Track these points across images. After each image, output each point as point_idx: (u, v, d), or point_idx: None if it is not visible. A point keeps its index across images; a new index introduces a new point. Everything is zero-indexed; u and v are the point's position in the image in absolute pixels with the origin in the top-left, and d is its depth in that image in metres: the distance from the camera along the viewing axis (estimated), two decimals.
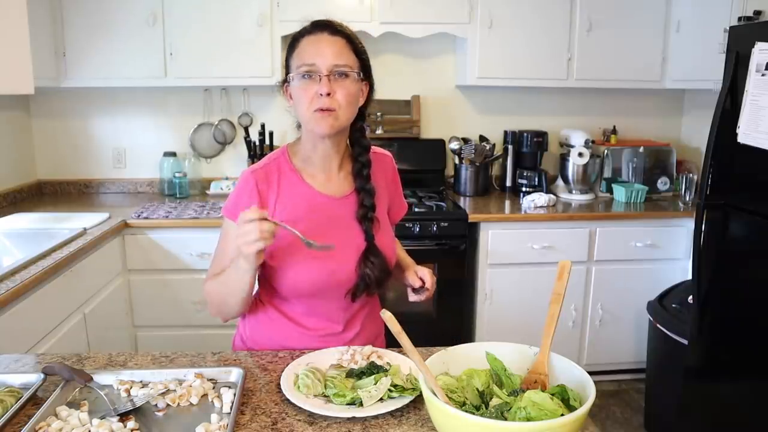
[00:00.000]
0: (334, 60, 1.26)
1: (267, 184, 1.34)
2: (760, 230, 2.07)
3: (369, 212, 1.37)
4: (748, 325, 2.12)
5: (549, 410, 0.90)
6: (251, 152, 3.30)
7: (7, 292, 1.81)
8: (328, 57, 1.26)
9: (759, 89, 2.04)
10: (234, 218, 1.32)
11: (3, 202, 3.01)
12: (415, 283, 1.44)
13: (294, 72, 1.29)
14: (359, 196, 1.38)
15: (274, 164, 1.37)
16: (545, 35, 3.17)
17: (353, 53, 1.30)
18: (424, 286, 1.43)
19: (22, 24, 2.13)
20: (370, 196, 1.38)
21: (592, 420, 1.06)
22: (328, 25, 1.30)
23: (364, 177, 1.38)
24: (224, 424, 1.03)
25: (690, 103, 3.68)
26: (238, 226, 1.17)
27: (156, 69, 3.00)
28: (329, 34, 1.28)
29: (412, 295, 1.45)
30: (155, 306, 2.84)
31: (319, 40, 1.28)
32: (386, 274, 1.39)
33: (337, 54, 1.27)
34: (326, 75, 1.25)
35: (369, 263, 1.35)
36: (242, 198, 1.33)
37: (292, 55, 1.31)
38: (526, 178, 3.35)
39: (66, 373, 1.15)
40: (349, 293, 1.38)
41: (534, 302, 2.96)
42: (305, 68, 1.26)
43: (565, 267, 1.06)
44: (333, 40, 1.28)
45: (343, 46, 1.29)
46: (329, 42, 1.27)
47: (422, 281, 1.43)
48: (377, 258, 1.36)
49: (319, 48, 1.27)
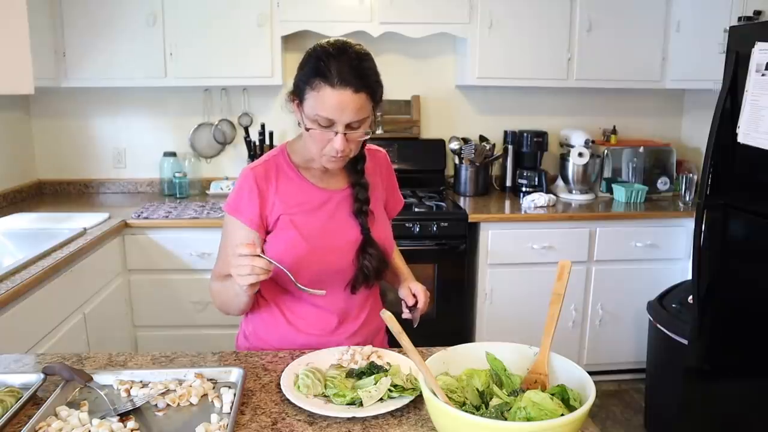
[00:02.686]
0: (354, 117, 1.25)
1: (266, 180, 1.37)
2: (760, 230, 2.07)
3: (364, 206, 1.40)
4: (748, 326, 2.12)
5: (549, 410, 0.90)
6: (251, 152, 3.30)
7: (7, 292, 1.81)
8: (348, 115, 1.24)
9: (759, 89, 2.04)
10: (235, 215, 1.37)
11: (3, 202, 3.01)
12: (408, 300, 1.45)
13: (309, 116, 1.26)
14: (354, 190, 1.41)
15: (273, 161, 1.40)
16: (545, 35, 3.17)
17: (371, 101, 1.28)
18: (417, 305, 1.44)
19: (22, 24, 2.13)
20: (364, 190, 1.41)
21: (592, 420, 1.06)
22: (352, 81, 1.23)
23: (358, 172, 1.42)
24: (224, 424, 1.03)
25: (690, 103, 3.68)
26: (232, 258, 1.20)
27: (156, 69, 3.00)
28: (353, 92, 1.23)
29: (406, 312, 1.46)
30: (155, 306, 2.84)
31: (342, 96, 1.22)
32: (384, 265, 1.43)
33: (357, 111, 1.24)
34: (344, 132, 1.25)
35: (366, 255, 1.39)
36: (243, 195, 1.36)
37: (310, 92, 1.25)
38: (526, 178, 3.35)
39: (66, 373, 1.15)
40: (349, 285, 1.41)
41: (534, 302, 2.96)
42: (323, 121, 1.25)
43: (565, 267, 1.06)
44: (355, 98, 1.23)
45: (364, 101, 1.25)
46: (351, 100, 1.23)
47: (415, 298, 1.44)
48: (374, 249, 1.40)
49: (342, 105, 1.23)
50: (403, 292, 1.47)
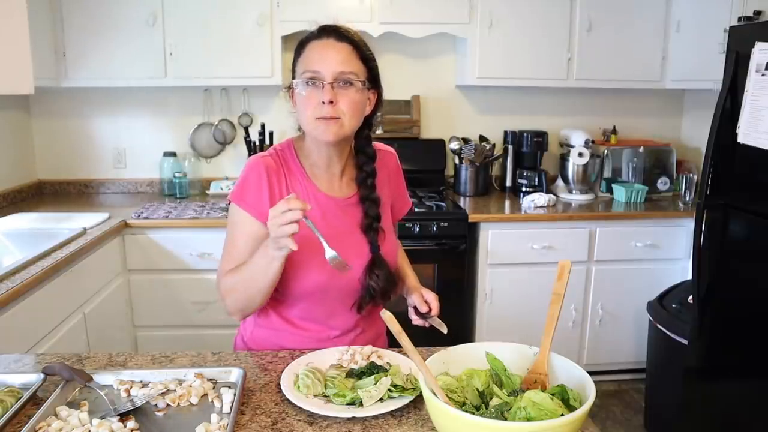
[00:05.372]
0: (339, 67, 1.23)
1: (276, 173, 1.32)
2: (760, 230, 2.07)
3: (374, 222, 1.35)
4: (748, 325, 2.12)
5: (549, 410, 0.90)
6: (251, 152, 3.30)
7: (7, 292, 1.81)
8: (332, 64, 1.22)
9: (759, 89, 2.04)
10: (242, 204, 1.30)
11: (3, 202, 3.01)
12: (422, 307, 1.39)
13: (298, 78, 1.26)
14: (364, 205, 1.36)
15: (281, 155, 1.36)
16: (545, 35, 3.17)
17: (360, 60, 1.27)
18: (430, 312, 1.39)
19: (22, 24, 2.13)
20: (375, 206, 1.36)
21: (592, 420, 1.06)
22: (334, 30, 1.26)
23: (368, 186, 1.36)
24: (224, 424, 1.03)
25: (690, 103, 3.68)
26: (277, 209, 1.12)
27: (156, 69, 3.00)
28: (335, 39, 1.24)
29: (415, 319, 1.41)
30: (155, 306, 2.84)
31: (325, 45, 1.24)
32: (392, 285, 1.37)
33: (343, 61, 1.23)
34: (330, 83, 1.22)
35: (374, 275, 1.34)
36: (251, 183, 1.30)
37: (298, 60, 1.28)
38: (526, 178, 3.35)
39: (66, 373, 1.15)
40: (355, 305, 1.36)
41: (534, 302, 2.96)
42: (309, 75, 1.24)
43: (565, 267, 1.06)
44: (339, 46, 1.24)
45: (350, 52, 1.25)
46: (335, 48, 1.24)
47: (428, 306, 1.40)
48: (382, 270, 1.35)
49: (324, 54, 1.23)
50: (415, 299, 1.41)
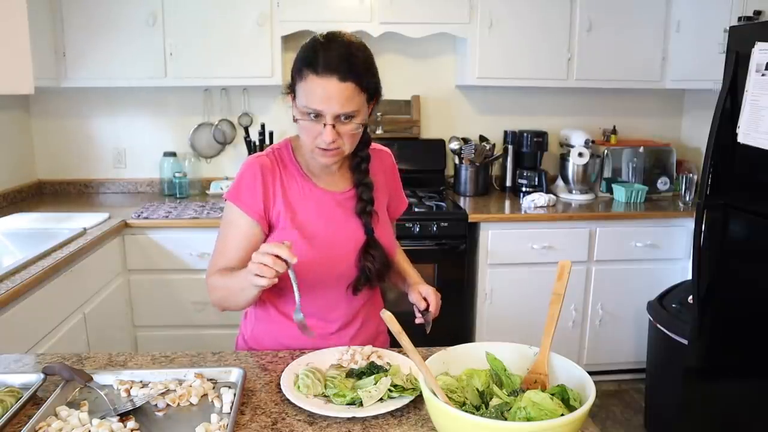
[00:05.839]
0: (342, 109, 1.22)
1: (271, 173, 1.34)
2: (760, 230, 2.07)
3: (368, 206, 1.38)
4: (748, 325, 2.12)
5: (549, 410, 0.90)
6: (251, 152, 3.30)
7: (7, 292, 1.81)
8: (334, 106, 1.21)
9: (759, 89, 2.04)
10: (237, 202, 1.33)
11: (3, 202, 3.01)
12: (420, 304, 1.40)
13: (299, 107, 1.26)
14: (358, 190, 1.39)
15: (277, 154, 1.38)
16: (545, 35, 3.17)
17: (362, 92, 1.25)
18: (428, 308, 1.40)
19: (22, 24, 2.13)
20: (368, 190, 1.39)
21: (592, 420, 1.06)
22: (337, 68, 1.20)
23: (362, 171, 1.39)
24: (224, 424, 1.03)
25: (690, 103, 3.68)
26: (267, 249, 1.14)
27: (156, 69, 3.00)
28: (338, 80, 1.20)
29: (419, 318, 1.41)
30: (155, 306, 2.84)
31: (328, 85, 1.20)
32: (387, 267, 1.40)
33: (345, 102, 1.22)
34: (332, 124, 1.23)
35: (369, 256, 1.36)
36: (247, 183, 1.33)
37: (299, 84, 1.25)
38: (526, 178, 3.35)
39: (66, 373, 1.15)
40: (351, 287, 1.39)
41: (534, 302, 2.96)
42: (311, 111, 1.23)
43: (565, 267, 1.06)
44: (342, 87, 1.20)
45: (352, 91, 1.22)
46: (338, 89, 1.20)
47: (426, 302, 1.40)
48: (377, 251, 1.37)
49: (327, 94, 1.21)
50: (413, 296, 1.42)
